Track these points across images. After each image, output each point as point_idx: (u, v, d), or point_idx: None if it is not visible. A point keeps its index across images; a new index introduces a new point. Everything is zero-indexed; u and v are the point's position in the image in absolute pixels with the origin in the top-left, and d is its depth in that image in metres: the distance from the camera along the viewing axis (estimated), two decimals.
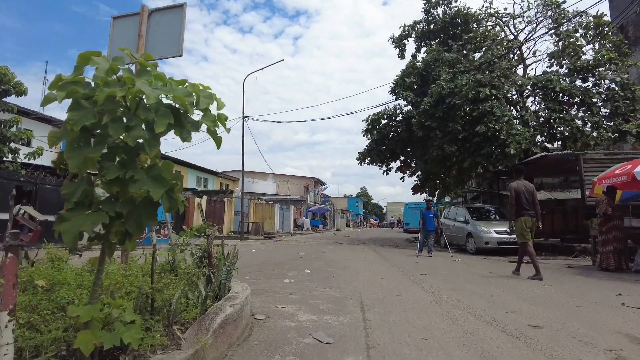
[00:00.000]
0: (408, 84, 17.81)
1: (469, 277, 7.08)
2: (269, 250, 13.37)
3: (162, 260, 4.54)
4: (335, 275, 7.15)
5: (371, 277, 6.96)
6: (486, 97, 14.40)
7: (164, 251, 4.58)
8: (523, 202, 7.29)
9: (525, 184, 7.52)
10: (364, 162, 19.52)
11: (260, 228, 24.62)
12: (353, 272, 7.66)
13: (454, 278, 6.98)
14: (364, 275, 7.23)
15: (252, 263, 9.10)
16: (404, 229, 37.64)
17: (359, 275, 7.11)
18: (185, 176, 32.99)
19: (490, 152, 14.01)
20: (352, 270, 7.83)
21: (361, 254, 12.12)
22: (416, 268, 8.52)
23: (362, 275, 7.22)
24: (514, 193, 7.41)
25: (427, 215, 11.97)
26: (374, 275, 7.12)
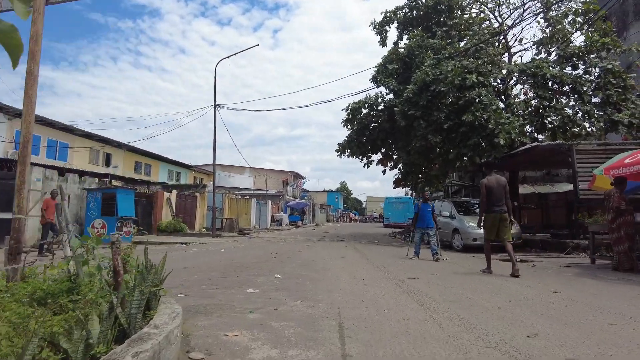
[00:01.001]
0: (390, 71, 16.81)
1: (464, 282, 6.12)
2: (240, 249, 12.20)
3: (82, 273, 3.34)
4: (311, 281, 6.07)
5: (352, 283, 5.91)
6: (473, 85, 13.56)
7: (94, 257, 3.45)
8: (494, 198, 7.18)
9: (498, 179, 7.37)
10: (344, 154, 18.49)
11: (235, 224, 23.35)
12: (331, 276, 6.59)
13: (448, 283, 6.00)
14: (344, 280, 6.17)
15: (216, 266, 7.93)
16: (385, 224, 36.96)
17: (338, 281, 6.04)
18: (155, 169, 31.33)
19: (477, 143, 13.18)
20: (330, 275, 6.77)
21: (341, 253, 11.08)
22: (402, 270, 7.53)
23: (341, 280, 6.16)
24: (484, 189, 7.28)
25: (425, 209, 9.98)
26: (355, 281, 6.07)
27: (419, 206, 10.15)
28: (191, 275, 6.72)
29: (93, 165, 24.05)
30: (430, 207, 10.00)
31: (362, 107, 16.60)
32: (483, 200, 7.33)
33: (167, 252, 10.67)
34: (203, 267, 7.78)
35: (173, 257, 9.94)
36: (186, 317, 3.85)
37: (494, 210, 7.19)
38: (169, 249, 12.97)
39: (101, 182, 17.54)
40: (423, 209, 10.00)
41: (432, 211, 10.02)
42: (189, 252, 11.46)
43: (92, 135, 23.84)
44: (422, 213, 9.97)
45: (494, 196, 7.18)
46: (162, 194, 21.53)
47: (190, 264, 8.30)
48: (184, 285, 5.73)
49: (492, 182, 7.29)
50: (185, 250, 12.13)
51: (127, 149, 27.98)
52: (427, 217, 9.89)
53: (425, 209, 9.99)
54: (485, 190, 7.29)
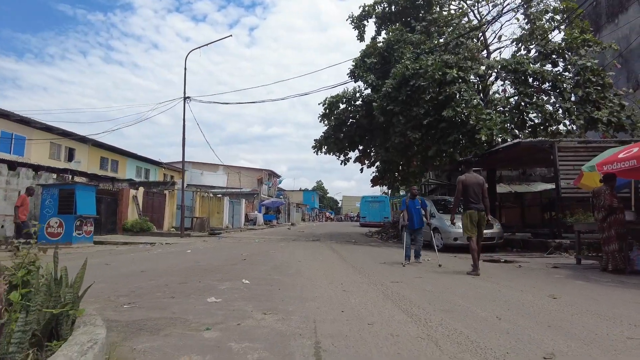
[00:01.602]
0: (369, 65, 16.29)
1: (452, 286, 5.56)
2: (208, 250, 11.37)
3: None
4: (283, 287, 5.37)
5: (330, 289, 5.25)
6: (453, 80, 13.17)
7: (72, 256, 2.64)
8: (471, 196, 7.10)
9: (476, 177, 7.31)
10: (321, 151, 17.84)
11: (206, 223, 22.35)
12: (306, 281, 5.92)
13: (435, 288, 5.43)
14: (320, 286, 5.51)
15: (178, 269, 7.13)
16: (361, 223, 36.58)
17: (314, 287, 5.37)
18: (123, 166, 29.87)
19: (457, 140, 12.79)
20: (304, 279, 6.09)
21: (316, 254, 10.43)
22: (382, 272, 6.94)
23: (317, 286, 5.49)
24: (461, 186, 7.20)
25: (413, 207, 8.65)
26: (333, 287, 5.42)
27: (406, 203, 8.71)
28: (148, 280, 5.92)
29: (54, 160, 22.54)
30: (419, 204, 8.62)
31: (340, 102, 16.00)
32: (458, 196, 7.32)
33: (128, 254, 9.75)
34: (163, 271, 6.97)
35: (133, 259, 9.05)
36: (125, 337, 3.10)
37: (472, 207, 7.06)
38: (132, 250, 12.01)
39: (60, 177, 16.27)
40: (411, 206, 8.60)
41: (422, 207, 8.64)
42: (151, 254, 10.56)
43: (52, 128, 22.33)
44: (411, 211, 8.56)
45: (471, 194, 7.09)
46: (127, 191, 20.32)
47: (149, 267, 7.47)
48: (137, 292, 4.94)
49: (469, 180, 7.19)
50: (148, 252, 11.21)
51: (92, 144, 26.48)
52: (417, 216, 8.53)
53: (413, 206, 8.60)
54: (461, 186, 7.19)
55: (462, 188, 7.20)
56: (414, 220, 8.53)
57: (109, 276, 6.35)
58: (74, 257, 9.82)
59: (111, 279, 6.00)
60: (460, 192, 7.25)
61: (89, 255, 10.23)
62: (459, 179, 7.37)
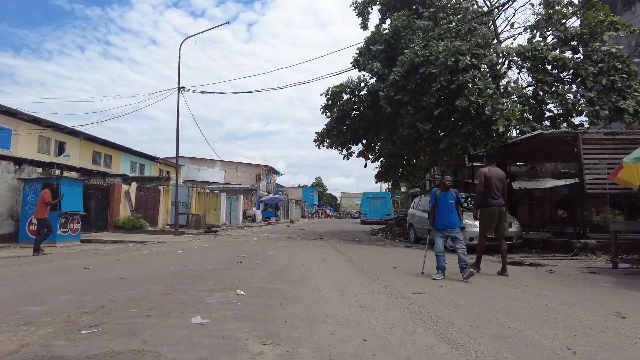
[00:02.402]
0: (374, 53, 15.33)
1: (488, 299, 4.65)
2: (202, 251, 10.44)
3: None
4: (286, 300, 4.45)
5: (343, 303, 4.33)
6: (466, 67, 12.24)
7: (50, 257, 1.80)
8: (493, 191, 6.67)
9: (497, 171, 6.90)
10: (323, 145, 16.90)
11: (202, 221, 21.43)
12: (312, 291, 5.00)
13: (468, 301, 4.51)
14: (330, 298, 4.59)
15: (163, 275, 6.20)
16: (362, 220, 35.65)
17: (323, 301, 4.45)
18: (116, 161, 28.89)
19: (471, 131, 11.85)
20: (310, 289, 5.17)
21: (320, 255, 9.51)
22: (399, 279, 6.03)
23: (327, 299, 4.57)
24: (484, 179, 6.71)
25: (445, 201, 6.43)
26: (346, 300, 4.50)
27: (436, 196, 6.56)
28: (125, 289, 5.00)
29: (43, 154, 21.54)
30: (454, 198, 6.44)
31: (343, 92, 15.03)
32: (480, 190, 6.75)
33: (114, 254, 8.79)
34: (146, 277, 6.04)
35: (116, 262, 8.13)
36: None
37: (493, 203, 6.65)
38: (119, 250, 11.10)
39: (46, 172, 15.30)
40: (443, 201, 6.46)
41: (457, 203, 6.48)
42: (139, 255, 9.63)
43: (40, 120, 21.32)
44: (443, 206, 6.43)
45: (493, 188, 6.67)
46: (119, 186, 19.38)
47: (132, 272, 6.54)
48: (106, 308, 4.02)
49: (492, 173, 6.76)
50: (136, 252, 10.28)
51: (84, 138, 25.48)
52: (451, 213, 6.37)
53: (445, 200, 6.44)
54: (484, 180, 6.70)
55: (485, 182, 6.69)
56: (448, 218, 6.38)
57: (80, 284, 5.43)
58: (51, 258, 8.91)
59: (82, 288, 5.08)
60: (482, 186, 6.71)
61: (71, 257, 9.33)
62: (481, 172, 6.86)
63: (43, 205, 10.36)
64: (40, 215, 10.31)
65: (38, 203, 10.45)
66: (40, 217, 10.32)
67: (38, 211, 10.35)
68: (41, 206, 10.33)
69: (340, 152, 17.53)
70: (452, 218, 6.38)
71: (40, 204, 10.36)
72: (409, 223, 13.85)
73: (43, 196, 10.48)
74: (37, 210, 10.41)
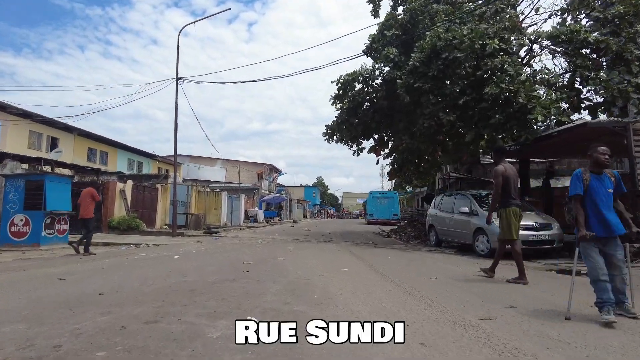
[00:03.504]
0: (389, 39, 14.10)
1: (592, 333, 3.43)
2: (201, 255, 9.22)
3: None
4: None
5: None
6: (493, 52, 11.01)
7: None
8: (511, 190, 6.17)
9: (513, 169, 6.42)
10: (332, 139, 15.65)
11: (202, 221, 20.20)
12: (347, 316, 3.76)
13: (567, 336, 3.29)
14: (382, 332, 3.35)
15: (152, 290, 4.97)
16: (368, 220, 34.35)
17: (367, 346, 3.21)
18: (113, 158, 27.72)
19: (501, 122, 10.61)
20: (342, 312, 3.93)
21: (337, 261, 8.28)
22: (449, 297, 4.81)
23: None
24: (501, 178, 6.12)
25: (601, 189, 3.95)
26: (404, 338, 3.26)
27: (584, 183, 3.95)
28: (100, 313, 3.79)
29: (34, 150, 20.36)
30: (612, 184, 3.99)
31: (356, 81, 13.77)
32: (498, 191, 6.17)
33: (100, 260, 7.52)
34: (132, 292, 4.83)
35: (101, 270, 6.91)
36: None
37: (513, 203, 6.11)
38: (109, 254, 9.89)
39: (32, 168, 14.10)
40: (597, 190, 3.93)
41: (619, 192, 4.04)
42: (130, 260, 8.42)
43: (31, 114, 20.13)
44: (598, 198, 3.91)
45: (512, 187, 6.16)
46: (114, 184, 18.15)
47: (115, 285, 5.32)
48: (65, 348, 2.82)
49: (509, 171, 6.24)
50: (127, 257, 9.06)
51: (78, 134, 24.33)
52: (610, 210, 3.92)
53: (601, 188, 3.95)
54: (502, 179, 6.10)
55: (503, 180, 6.10)
56: (607, 218, 3.85)
57: (43, 304, 4.21)
58: (26, 265, 7.65)
59: (42, 312, 3.86)
60: (500, 186, 6.12)
61: (51, 263, 8.09)
62: (497, 171, 6.21)
63: (92, 203, 10.12)
64: (89, 214, 9.99)
65: (85, 202, 10.00)
66: (89, 217, 10.00)
67: (86, 210, 9.96)
68: (90, 204, 10.04)
69: (350, 148, 16.28)
70: (613, 218, 3.88)
71: (89, 203, 10.03)
72: (429, 224, 12.62)
73: (92, 194, 10.19)
74: (85, 210, 9.96)
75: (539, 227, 9.11)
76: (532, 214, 9.73)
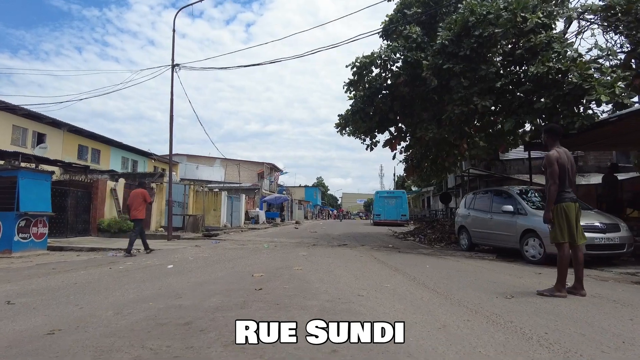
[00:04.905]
0: (409, 19, 12.61)
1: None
2: (200, 265, 7.67)
3: None
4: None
5: None
6: (534, 28, 9.55)
7: None
8: (566, 181, 4.87)
9: (568, 154, 5.01)
10: (345, 131, 14.14)
11: (200, 222, 18.65)
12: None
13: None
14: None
15: (128, 322, 3.42)
16: (374, 221, 32.76)
17: None
18: (106, 156, 26.16)
19: (548, 106, 9.13)
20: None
21: (371, 273, 6.73)
22: (557, 327, 3.30)
23: None
24: (557, 167, 4.82)
25: None
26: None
27: None
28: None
29: (18, 146, 18.77)
30: None
31: (373, 64, 12.24)
32: (556, 182, 4.81)
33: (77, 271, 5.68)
34: (98, 328, 3.31)
35: (73, 286, 5.37)
36: None
37: (567, 197, 4.84)
38: (91, 262, 8.34)
39: (7, 163, 12.52)
40: None
41: None
42: (113, 271, 6.88)
43: (14, 108, 18.58)
44: None
45: (567, 177, 4.87)
46: (104, 183, 16.62)
47: (76, 316, 3.79)
48: None
49: (564, 158, 4.89)
50: (110, 267, 7.51)
51: (68, 130, 22.76)
52: None
53: None
54: (557, 167, 4.81)
55: (560, 170, 4.81)
56: None
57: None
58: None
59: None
60: (557, 176, 4.80)
61: (13, 276, 6.51)
62: (551, 157, 4.87)
63: (143, 204, 9.97)
64: (141, 215, 9.92)
65: (136, 203, 9.89)
66: (141, 218, 9.97)
67: (138, 211, 9.86)
68: (141, 205, 9.91)
69: (363, 142, 14.77)
70: None
71: (140, 203, 9.89)
72: (460, 226, 11.11)
73: (143, 195, 10.02)
74: (137, 211, 9.86)
75: (605, 229, 7.61)
76: (591, 212, 8.25)
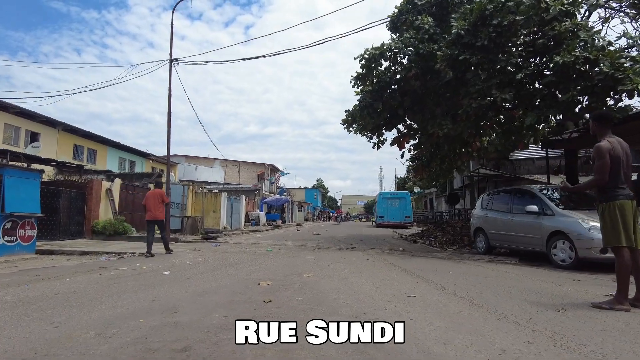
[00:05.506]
0: (420, 9, 11.97)
1: None
2: (199, 271, 6.98)
3: None
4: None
5: None
6: (558, 15, 8.90)
7: None
8: (620, 175, 4.12)
9: (623, 144, 4.26)
10: (351, 128, 13.47)
11: (199, 224, 17.94)
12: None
13: None
14: None
15: (111, 347, 2.71)
16: (377, 223, 32.04)
17: None
18: (102, 156, 25.48)
19: (575, 99, 8.48)
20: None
21: (391, 281, 6.04)
22: (632, 348, 2.63)
23: None
24: (608, 158, 4.12)
25: None
26: None
27: None
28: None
29: (9, 145, 18.08)
30: None
31: (383, 57, 11.59)
32: (605, 178, 4.15)
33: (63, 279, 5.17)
34: (72, 356, 2.62)
35: (54, 296, 4.66)
36: None
37: (622, 194, 4.14)
38: (80, 268, 7.65)
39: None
40: None
41: None
42: (103, 279, 6.19)
43: (7, 106, 17.91)
44: None
45: (621, 171, 4.17)
46: (99, 183, 15.92)
47: (48, 338, 3.11)
48: None
49: (617, 148, 4.20)
50: (101, 273, 6.81)
51: (63, 129, 22.08)
52: None
53: None
54: (608, 159, 4.14)
55: (612, 162, 4.15)
56: None
57: None
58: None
59: None
60: (608, 169, 4.14)
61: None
62: (602, 148, 4.20)
63: (161, 204, 10.06)
64: (160, 216, 10.04)
65: (155, 204, 9.91)
66: (161, 219, 10.15)
67: (157, 212, 9.92)
68: (159, 206, 9.98)
69: (370, 140, 14.11)
70: None
71: (158, 204, 9.95)
72: (476, 227, 10.44)
73: (161, 196, 10.13)
74: (156, 212, 9.90)
75: None
76: None
